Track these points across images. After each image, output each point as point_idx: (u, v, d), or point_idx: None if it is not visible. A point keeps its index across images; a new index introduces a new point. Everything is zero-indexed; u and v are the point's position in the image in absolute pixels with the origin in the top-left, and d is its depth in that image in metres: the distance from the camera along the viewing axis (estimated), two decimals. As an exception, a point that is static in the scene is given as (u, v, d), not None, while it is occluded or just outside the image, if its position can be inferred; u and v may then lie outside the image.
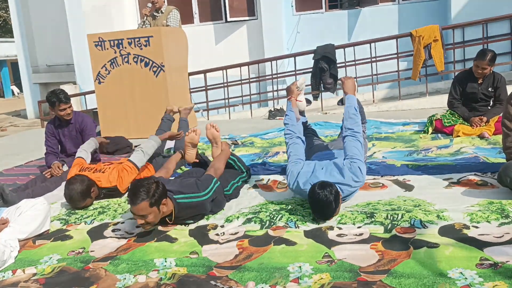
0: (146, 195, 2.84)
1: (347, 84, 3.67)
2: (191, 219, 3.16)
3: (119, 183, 3.81)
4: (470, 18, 8.23)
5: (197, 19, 11.13)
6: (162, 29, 6.55)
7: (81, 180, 3.66)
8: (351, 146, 3.31)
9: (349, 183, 3.14)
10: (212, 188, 3.18)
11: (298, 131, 3.66)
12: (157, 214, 2.93)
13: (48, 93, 4.77)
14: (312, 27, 10.20)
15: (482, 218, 2.77)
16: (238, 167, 3.84)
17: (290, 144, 3.57)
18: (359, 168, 3.17)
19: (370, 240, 2.65)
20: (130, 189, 2.94)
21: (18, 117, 15.60)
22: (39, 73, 13.70)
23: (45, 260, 2.82)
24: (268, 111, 8.30)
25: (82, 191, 3.61)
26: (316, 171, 3.23)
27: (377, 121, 6.20)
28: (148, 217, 2.89)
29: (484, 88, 5.04)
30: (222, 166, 3.56)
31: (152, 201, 2.86)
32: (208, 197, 3.13)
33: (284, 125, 3.74)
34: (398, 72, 8.11)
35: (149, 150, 4.01)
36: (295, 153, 3.50)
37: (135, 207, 2.85)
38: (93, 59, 6.66)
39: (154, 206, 2.88)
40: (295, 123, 3.69)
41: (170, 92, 6.50)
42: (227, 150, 3.78)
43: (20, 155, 6.23)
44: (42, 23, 13.30)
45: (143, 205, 2.84)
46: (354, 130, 3.37)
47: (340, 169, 3.19)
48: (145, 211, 2.86)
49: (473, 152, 4.23)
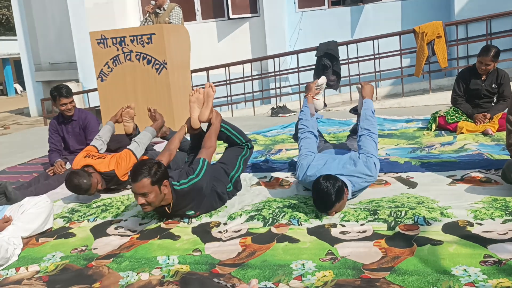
0: (148, 173, 2.86)
1: (366, 88, 3.77)
2: (190, 209, 3.13)
3: (117, 168, 3.84)
4: (474, 14, 8.19)
5: (199, 16, 11.12)
6: (165, 26, 6.53)
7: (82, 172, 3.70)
8: (367, 143, 3.36)
9: (361, 176, 3.16)
10: (203, 168, 3.14)
11: (312, 126, 3.71)
12: (158, 194, 2.91)
13: (51, 88, 4.83)
14: (314, 24, 10.17)
15: (486, 215, 2.75)
16: (235, 137, 3.68)
17: (302, 138, 3.62)
18: (374, 164, 3.22)
19: (374, 238, 2.64)
20: (133, 168, 2.97)
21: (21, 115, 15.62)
22: (42, 71, 13.71)
23: (48, 257, 2.82)
24: (270, 108, 8.30)
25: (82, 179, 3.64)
26: (328, 163, 3.27)
27: (380, 118, 6.17)
28: (149, 196, 2.87)
29: (487, 85, 5.02)
30: (213, 144, 3.48)
31: (154, 180, 2.86)
32: (201, 177, 3.09)
33: (298, 120, 3.78)
34: (401, 69, 8.09)
35: (144, 140, 4.08)
36: (306, 146, 3.54)
37: (137, 184, 2.85)
38: (96, 56, 6.65)
39: (156, 185, 2.88)
40: (309, 118, 3.75)
41: (173, 90, 6.48)
42: (217, 124, 3.59)
43: (23, 153, 6.25)
44: (44, 21, 13.30)
45: (145, 182, 2.84)
46: (371, 131, 3.43)
47: (354, 162, 3.22)
48: (146, 189, 2.85)
49: (477, 149, 4.21)
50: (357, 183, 3.16)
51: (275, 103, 8.69)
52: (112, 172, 3.83)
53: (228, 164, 3.60)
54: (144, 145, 4.06)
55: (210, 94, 3.59)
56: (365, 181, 3.22)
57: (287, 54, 9.16)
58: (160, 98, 6.39)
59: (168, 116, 5.91)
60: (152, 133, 4.18)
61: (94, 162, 3.83)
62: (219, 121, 3.62)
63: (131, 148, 3.97)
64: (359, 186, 3.19)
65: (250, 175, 4.03)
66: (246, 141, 3.74)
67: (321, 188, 2.92)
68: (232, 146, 3.75)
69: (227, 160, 3.63)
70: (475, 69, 5.04)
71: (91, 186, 3.66)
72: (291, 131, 6.02)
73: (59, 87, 4.74)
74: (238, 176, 3.62)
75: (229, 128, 3.68)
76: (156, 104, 6.35)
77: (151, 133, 4.17)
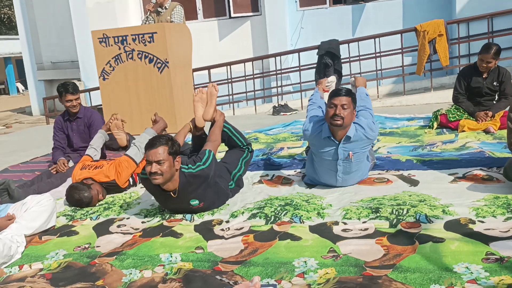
0: (166, 143, 2.97)
1: (358, 80, 4.04)
2: (195, 197, 3.15)
3: (117, 177, 3.85)
4: (475, 12, 8.18)
5: (200, 15, 11.12)
6: (166, 25, 6.54)
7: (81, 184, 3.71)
8: (365, 114, 3.52)
9: (364, 127, 3.37)
10: (209, 157, 3.19)
11: (321, 103, 3.83)
12: (172, 166, 2.98)
13: (58, 84, 4.90)
14: (316, 22, 10.17)
15: (488, 213, 2.76)
16: (236, 138, 3.74)
17: (310, 110, 3.73)
18: (373, 122, 3.46)
19: (375, 235, 2.64)
20: (149, 140, 3.05)
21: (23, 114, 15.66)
22: (44, 70, 13.73)
23: (52, 255, 2.83)
24: (272, 107, 8.30)
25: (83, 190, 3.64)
26: None
27: (382, 116, 6.18)
28: (163, 165, 2.93)
29: (489, 83, 5.02)
30: (218, 138, 3.57)
31: (171, 150, 2.97)
32: (209, 165, 3.14)
33: (308, 100, 3.93)
34: (402, 67, 8.08)
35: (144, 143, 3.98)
36: (313, 113, 3.68)
37: (154, 150, 2.93)
38: (98, 55, 6.66)
39: (171, 156, 2.96)
40: (319, 98, 3.91)
41: (174, 88, 6.49)
42: (220, 121, 3.68)
43: (25, 151, 6.26)
44: (46, 20, 13.32)
45: (162, 149, 2.94)
46: (366, 106, 3.62)
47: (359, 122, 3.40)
48: (162, 156, 2.92)
49: (479, 147, 4.21)
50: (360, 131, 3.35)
51: (277, 101, 8.69)
52: (113, 182, 3.84)
53: (229, 163, 3.64)
54: (143, 149, 3.87)
55: (213, 93, 3.70)
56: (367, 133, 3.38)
57: (289, 52, 9.15)
58: (162, 96, 6.40)
59: (170, 115, 5.93)
60: (151, 134, 4.03)
61: (92, 174, 3.83)
62: (222, 119, 3.70)
63: (130, 155, 3.95)
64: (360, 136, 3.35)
65: (252, 173, 4.04)
66: (247, 144, 3.80)
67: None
68: (233, 149, 3.79)
69: (228, 160, 3.68)
70: (476, 67, 5.04)
71: (92, 198, 3.67)
72: (293, 129, 6.04)
73: (66, 83, 4.81)
74: (240, 175, 3.65)
75: (231, 129, 3.74)
76: (158, 102, 6.38)
77: (150, 135, 4.00)
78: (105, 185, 3.84)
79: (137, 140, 4.06)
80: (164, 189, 3.09)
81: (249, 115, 8.57)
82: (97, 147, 4.26)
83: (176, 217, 3.22)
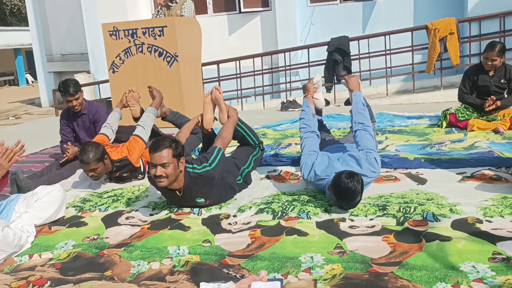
0: (169, 145, 2.97)
1: (351, 82, 3.78)
2: (200, 196, 3.17)
3: (129, 153, 3.92)
4: (487, 11, 8.13)
5: (210, 9, 11.13)
6: (177, 19, 6.56)
7: (96, 144, 3.79)
8: (363, 138, 3.36)
9: (366, 174, 3.16)
10: (217, 157, 3.19)
11: (313, 125, 3.69)
12: (176, 168, 2.99)
13: (60, 82, 4.77)
14: (326, 18, 10.14)
15: (495, 213, 2.76)
16: (249, 137, 3.80)
17: (304, 138, 3.59)
18: (375, 159, 3.21)
19: (382, 232, 2.65)
20: (153, 142, 3.05)
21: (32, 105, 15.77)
22: (54, 62, 13.81)
23: (61, 245, 2.87)
24: (280, 102, 8.31)
25: (97, 152, 3.69)
26: (332, 162, 3.25)
27: (390, 114, 6.17)
28: (168, 167, 2.94)
29: (496, 80, 5.00)
30: (229, 135, 3.56)
31: (175, 153, 2.97)
32: (215, 166, 3.14)
33: (299, 119, 3.77)
34: (412, 65, 8.05)
35: (148, 122, 4.18)
36: (308, 146, 3.52)
37: (158, 153, 2.94)
38: (108, 48, 6.70)
39: (175, 158, 2.97)
40: (311, 118, 3.73)
41: (183, 82, 6.52)
42: (235, 116, 3.71)
43: (34, 142, 6.31)
44: (56, 12, 13.39)
45: (166, 152, 2.94)
46: (365, 124, 3.44)
47: (357, 159, 3.21)
48: (166, 159, 2.93)
49: (488, 147, 4.20)
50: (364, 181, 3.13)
51: (285, 97, 8.69)
52: (125, 159, 3.89)
53: (239, 159, 3.67)
54: (148, 126, 4.15)
55: (218, 97, 3.75)
56: (369, 178, 3.22)
57: (298, 48, 9.15)
58: (171, 90, 6.43)
59: (179, 108, 5.93)
60: (153, 113, 4.28)
61: (107, 150, 3.89)
62: (236, 113, 3.73)
63: (137, 133, 4.07)
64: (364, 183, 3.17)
65: (260, 169, 4.05)
66: (258, 142, 3.86)
67: (349, 187, 2.86)
68: (244, 146, 3.82)
69: (238, 156, 3.72)
70: (482, 65, 5.03)
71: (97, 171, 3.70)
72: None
73: (66, 83, 4.64)
74: (248, 171, 3.68)
75: (244, 127, 3.79)
76: (167, 96, 6.39)
77: (152, 113, 4.27)
78: (117, 162, 3.88)
79: (142, 120, 4.21)
80: (170, 188, 3.11)
81: (257, 110, 8.58)
82: (114, 129, 4.32)
83: (184, 210, 3.24)
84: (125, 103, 4.50)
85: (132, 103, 4.49)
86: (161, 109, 4.47)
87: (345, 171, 2.99)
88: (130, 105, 4.49)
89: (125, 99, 4.51)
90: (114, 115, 4.39)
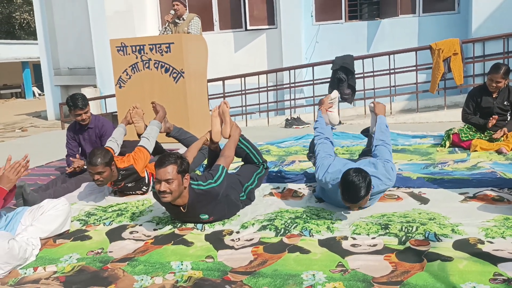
0: (175, 161, 3.01)
1: (378, 107, 3.98)
2: (204, 212, 3.20)
3: (135, 162, 3.98)
4: (491, 32, 8.21)
5: (217, 26, 11.26)
6: (183, 36, 6.65)
7: (106, 149, 3.88)
8: (382, 152, 3.49)
9: (381, 178, 3.25)
10: (221, 175, 3.24)
11: (328, 133, 3.82)
12: (180, 184, 3.03)
13: (68, 96, 4.85)
14: (331, 37, 10.24)
15: (497, 234, 2.77)
16: (253, 155, 3.86)
17: (319, 144, 3.71)
18: (391, 168, 3.34)
19: (384, 251, 2.67)
20: (159, 158, 3.10)
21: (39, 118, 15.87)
22: (61, 75, 13.95)
23: (65, 258, 2.89)
24: (285, 119, 8.36)
25: (106, 156, 3.76)
26: (348, 164, 3.37)
27: (394, 133, 6.19)
28: (172, 183, 2.98)
29: (499, 102, 5.04)
30: (231, 153, 3.63)
31: (180, 169, 3.01)
32: (220, 183, 3.18)
33: (314, 129, 3.91)
34: (416, 84, 8.11)
35: (152, 134, 4.29)
36: (324, 150, 3.64)
37: (163, 169, 2.99)
38: (115, 63, 6.79)
39: (180, 174, 3.01)
40: (325, 126, 3.88)
41: (189, 98, 6.59)
42: (236, 136, 3.77)
43: (41, 155, 6.37)
44: (65, 26, 13.57)
45: (171, 168, 2.98)
46: (386, 142, 3.58)
47: (374, 165, 3.35)
48: (171, 175, 2.97)
49: (490, 167, 4.22)
50: (376, 184, 3.22)
51: (290, 114, 8.75)
52: (131, 167, 3.94)
53: (243, 176, 3.71)
54: (153, 138, 4.26)
55: (225, 110, 3.82)
56: (384, 184, 3.30)
57: (303, 66, 9.23)
58: (177, 106, 6.49)
59: (184, 124, 5.99)
60: (157, 125, 4.40)
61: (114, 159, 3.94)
62: (238, 133, 3.79)
63: (142, 144, 4.16)
64: (377, 188, 3.25)
65: (263, 186, 4.08)
66: (262, 161, 3.92)
67: (352, 181, 2.99)
68: (248, 164, 3.88)
69: (242, 173, 3.77)
70: (485, 87, 5.08)
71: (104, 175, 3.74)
72: (305, 143, 6.07)
73: (75, 97, 4.72)
74: (252, 188, 3.71)
75: (248, 145, 3.86)
76: (173, 111, 6.46)
77: (156, 125, 4.39)
78: (123, 171, 3.93)
79: (146, 132, 4.33)
80: (174, 204, 3.15)
81: (261, 127, 8.63)
82: (119, 143, 4.37)
83: (188, 225, 3.27)
84: (130, 120, 4.58)
85: (136, 119, 4.59)
86: (164, 124, 4.54)
87: (354, 167, 3.10)
88: (135, 121, 4.59)
89: (129, 116, 4.59)
90: (119, 130, 4.45)
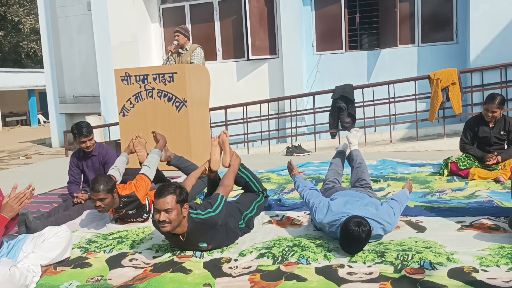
0: (174, 191, 3.06)
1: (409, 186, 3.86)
2: (203, 241, 3.25)
3: (136, 190, 4.04)
4: (489, 62, 8.34)
5: (220, 56, 11.47)
6: (186, 66, 6.79)
7: (109, 176, 3.96)
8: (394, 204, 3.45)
9: (380, 222, 3.22)
10: (220, 204, 3.30)
11: (310, 186, 3.77)
12: (179, 214, 3.07)
13: (73, 124, 4.96)
14: (332, 66, 10.40)
15: (491, 262, 2.80)
16: (253, 184, 3.91)
17: (304, 192, 3.68)
18: (394, 213, 3.33)
19: (380, 279, 2.70)
20: (158, 188, 3.15)
21: (43, 145, 16.01)
22: (66, 103, 14.16)
23: (65, 286, 2.93)
24: (286, 147, 8.43)
25: (108, 183, 3.81)
26: (349, 203, 3.37)
27: (394, 161, 6.26)
28: (171, 213, 3.02)
29: (496, 132, 5.11)
30: (231, 183, 3.69)
31: (179, 199, 3.06)
32: (218, 212, 3.24)
33: (296, 189, 3.86)
34: (416, 113, 8.21)
35: (153, 162, 4.39)
36: (312, 194, 3.60)
37: (162, 200, 3.03)
38: (119, 92, 6.92)
39: (179, 204, 3.06)
40: (304, 182, 3.83)
41: (191, 127, 6.69)
42: (235, 165, 3.83)
43: (44, 183, 6.44)
44: (71, 55, 13.86)
45: (170, 198, 3.03)
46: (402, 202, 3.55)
47: (376, 206, 3.34)
48: (170, 205, 3.02)
49: (488, 196, 4.26)
50: (375, 227, 3.20)
51: (291, 142, 8.83)
52: (133, 194, 4.00)
53: (242, 204, 3.76)
54: (154, 166, 4.35)
55: (225, 139, 3.92)
56: (382, 228, 3.25)
57: (304, 95, 9.36)
58: (179, 134, 6.58)
59: (186, 152, 6.08)
60: (157, 153, 4.51)
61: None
62: (237, 163, 3.86)
63: (143, 172, 4.25)
64: (375, 231, 3.22)
65: (263, 213, 4.12)
66: (262, 189, 3.97)
67: (352, 233, 2.98)
68: (248, 192, 3.93)
69: (242, 201, 3.82)
70: (482, 116, 5.15)
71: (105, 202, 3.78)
72: (306, 171, 6.14)
73: (79, 125, 4.84)
74: (251, 216, 3.75)
75: (248, 174, 3.92)
76: (175, 139, 6.55)
77: (157, 154, 4.50)
78: (125, 198, 3.98)
79: (147, 160, 4.42)
80: (174, 233, 3.20)
81: (262, 154, 8.70)
82: (121, 171, 4.44)
83: (187, 253, 3.31)
84: (132, 149, 4.68)
85: (139, 148, 4.70)
86: (165, 153, 4.63)
87: (356, 217, 3.08)
88: (137, 150, 4.69)
89: (132, 145, 4.69)
90: (122, 159, 4.54)
